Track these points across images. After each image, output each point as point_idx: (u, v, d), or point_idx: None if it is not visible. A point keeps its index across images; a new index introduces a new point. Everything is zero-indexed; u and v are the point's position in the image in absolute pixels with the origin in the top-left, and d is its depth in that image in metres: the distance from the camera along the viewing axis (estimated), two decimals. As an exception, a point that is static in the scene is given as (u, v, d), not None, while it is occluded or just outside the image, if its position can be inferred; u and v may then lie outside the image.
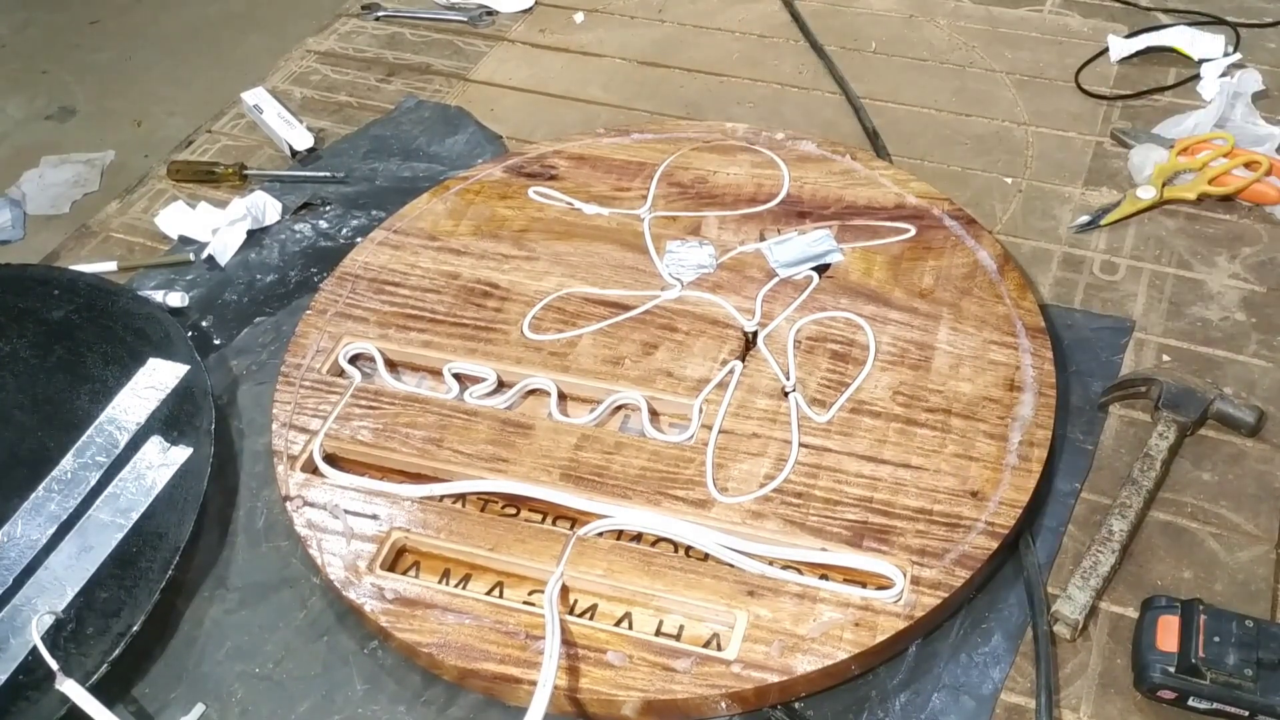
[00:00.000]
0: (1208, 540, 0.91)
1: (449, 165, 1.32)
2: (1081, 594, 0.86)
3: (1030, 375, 1.00)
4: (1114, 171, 1.29)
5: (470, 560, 0.90)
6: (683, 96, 1.45)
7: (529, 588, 0.89)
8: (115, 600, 0.88)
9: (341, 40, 1.58)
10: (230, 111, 1.45)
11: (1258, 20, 1.51)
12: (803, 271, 1.11)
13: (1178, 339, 1.08)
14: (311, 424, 0.99)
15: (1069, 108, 1.39)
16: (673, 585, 0.86)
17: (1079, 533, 0.92)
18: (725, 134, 1.30)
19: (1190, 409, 0.97)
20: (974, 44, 1.51)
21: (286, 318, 1.13)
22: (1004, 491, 0.91)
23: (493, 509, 0.94)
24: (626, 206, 1.20)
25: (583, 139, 1.31)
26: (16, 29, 3.16)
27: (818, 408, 0.98)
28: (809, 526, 0.89)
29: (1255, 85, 1.33)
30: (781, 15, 1.59)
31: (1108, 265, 1.16)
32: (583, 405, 1.01)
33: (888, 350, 1.03)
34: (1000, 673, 0.83)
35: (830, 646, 0.82)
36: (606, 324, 1.07)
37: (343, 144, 1.37)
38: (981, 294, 1.08)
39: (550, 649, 0.79)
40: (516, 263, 1.14)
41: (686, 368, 1.02)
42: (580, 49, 1.55)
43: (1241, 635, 0.79)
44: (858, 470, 0.93)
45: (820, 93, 1.44)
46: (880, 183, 1.21)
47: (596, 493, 0.93)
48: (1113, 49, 1.46)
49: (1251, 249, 1.17)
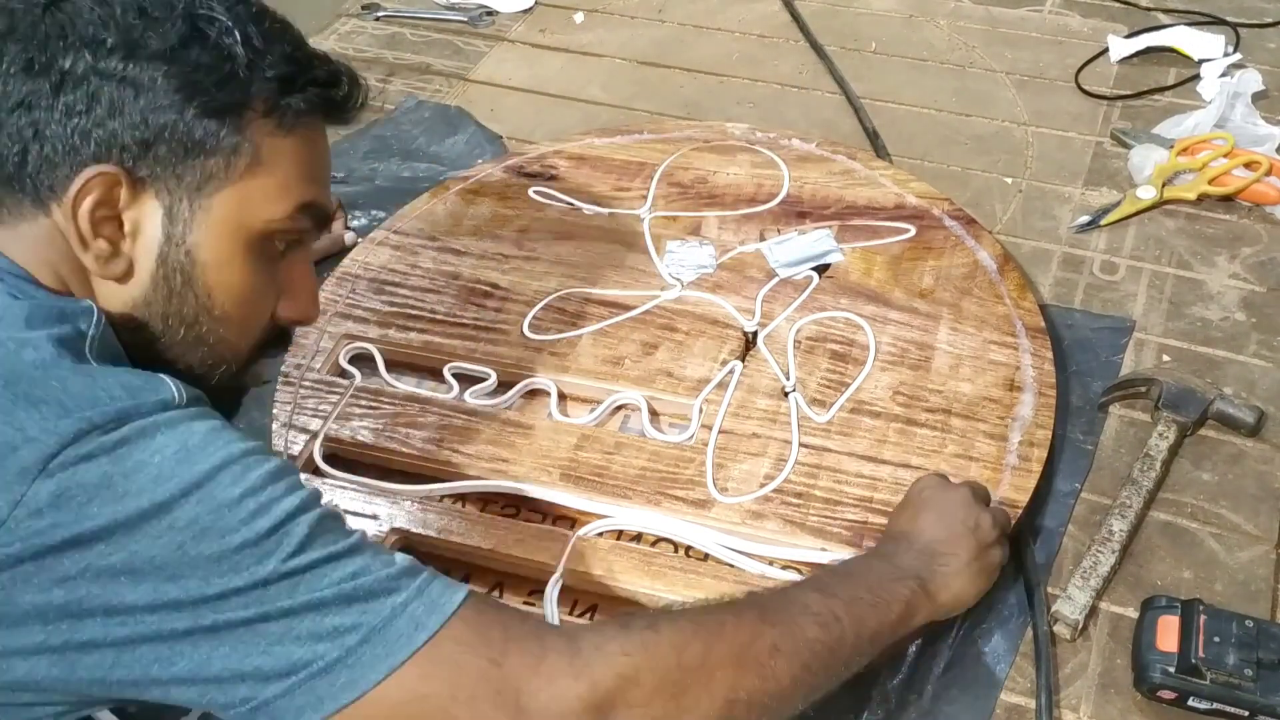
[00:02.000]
0: (1208, 540, 0.91)
1: (449, 165, 1.32)
2: (1081, 594, 0.86)
3: (1030, 375, 1.00)
4: (1114, 171, 1.29)
5: (470, 560, 0.90)
6: (683, 96, 1.45)
7: (529, 588, 0.89)
8: (115, 600, 0.88)
9: (341, 40, 1.58)
10: (230, 111, 1.45)
11: (1258, 20, 1.51)
12: (803, 271, 1.11)
13: (1178, 339, 1.08)
14: (311, 424, 0.99)
15: (1069, 108, 1.39)
16: (673, 585, 0.86)
17: (1079, 533, 0.92)
18: (725, 134, 1.30)
19: (1190, 409, 0.97)
20: (974, 44, 1.51)
21: (286, 318, 1.13)
22: (1004, 491, 0.91)
23: (493, 509, 0.94)
24: (626, 206, 1.20)
25: (583, 139, 1.31)
26: (16, 29, 3.15)
27: (818, 408, 0.98)
28: (809, 526, 0.89)
29: (1255, 85, 1.33)
30: (781, 15, 1.59)
31: (1108, 265, 1.16)
32: (583, 405, 1.01)
33: (888, 350, 1.03)
34: (1000, 673, 0.83)
35: (830, 646, 0.82)
36: (606, 324, 1.07)
37: (343, 144, 1.37)
38: (981, 294, 1.08)
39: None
40: (516, 263, 1.14)
41: (686, 368, 1.02)
42: (580, 49, 1.55)
43: (1241, 635, 0.79)
44: (858, 470, 0.93)
45: (820, 93, 1.44)
46: (880, 183, 1.21)
47: (596, 493, 0.93)
48: (1113, 49, 1.46)
49: (1251, 249, 1.17)
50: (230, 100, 0.64)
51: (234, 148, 0.64)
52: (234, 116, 0.64)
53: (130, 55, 0.62)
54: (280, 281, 0.71)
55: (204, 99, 0.63)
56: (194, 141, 0.63)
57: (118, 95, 0.62)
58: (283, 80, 0.66)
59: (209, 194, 0.64)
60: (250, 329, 0.70)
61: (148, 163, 0.63)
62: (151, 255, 0.65)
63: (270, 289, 0.70)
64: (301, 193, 0.68)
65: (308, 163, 0.69)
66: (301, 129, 0.68)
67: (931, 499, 0.84)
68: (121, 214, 0.63)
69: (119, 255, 0.64)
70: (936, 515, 0.83)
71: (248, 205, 0.66)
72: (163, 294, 0.65)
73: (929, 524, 0.82)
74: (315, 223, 0.71)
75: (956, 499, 0.84)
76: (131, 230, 0.64)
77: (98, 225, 0.63)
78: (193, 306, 0.66)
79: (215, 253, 0.66)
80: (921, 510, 0.84)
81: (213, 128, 0.63)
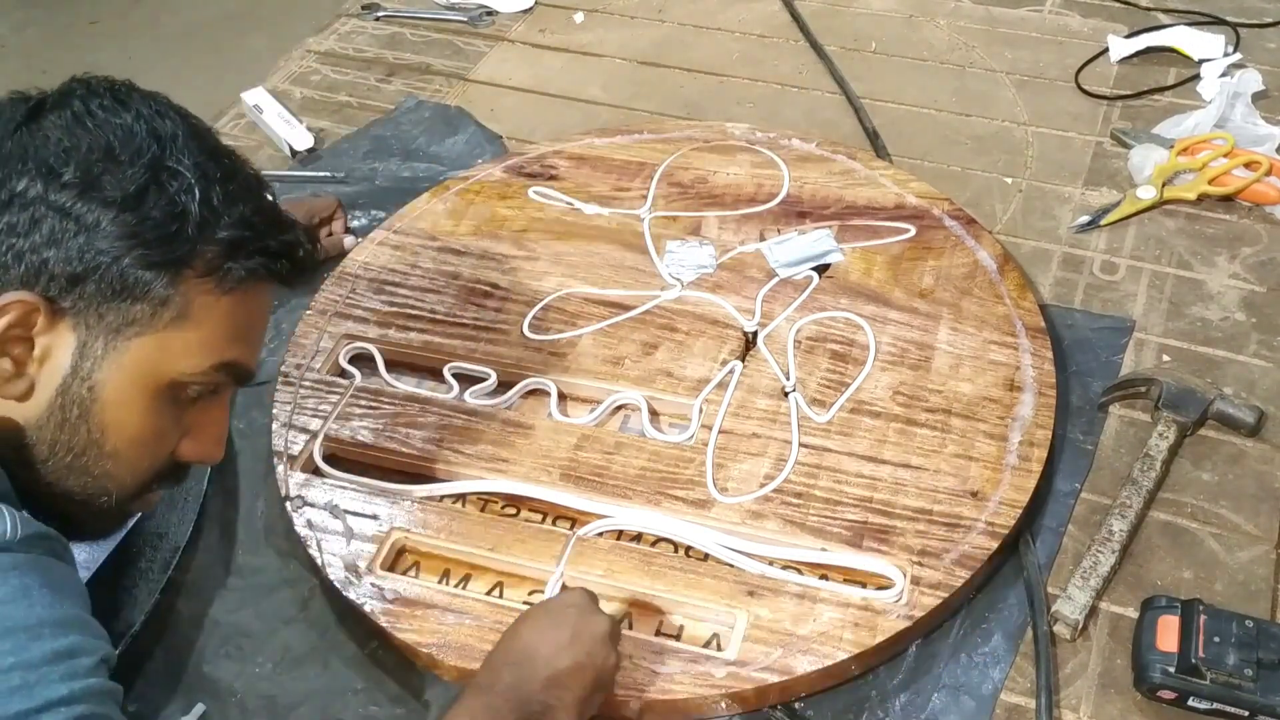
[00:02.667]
0: (1208, 540, 0.91)
1: (449, 165, 1.32)
2: (1081, 594, 0.86)
3: (1030, 375, 1.00)
4: (1114, 171, 1.29)
5: (470, 560, 0.90)
6: (683, 96, 1.45)
7: (529, 588, 0.89)
8: (115, 600, 0.88)
9: (341, 40, 1.58)
10: (230, 111, 1.45)
11: (1258, 20, 1.51)
12: (803, 271, 1.11)
13: (1178, 339, 1.08)
14: (311, 424, 0.99)
15: (1069, 108, 1.39)
16: (673, 585, 0.86)
17: (1079, 533, 0.92)
18: (725, 134, 1.30)
19: (1190, 409, 0.97)
20: (974, 44, 1.51)
21: (286, 317, 1.13)
22: (1004, 491, 0.91)
23: (493, 509, 0.94)
24: (626, 206, 1.20)
25: (583, 139, 1.31)
26: (16, 29, 3.15)
27: (818, 408, 0.98)
28: (809, 526, 0.89)
29: (1255, 85, 1.32)
30: (781, 15, 1.59)
31: (1108, 265, 1.16)
32: (583, 405, 1.01)
33: (888, 350, 1.03)
34: (1000, 673, 0.83)
35: (830, 646, 0.82)
36: (606, 324, 1.07)
37: (343, 144, 1.37)
38: (981, 294, 1.08)
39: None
40: (516, 263, 1.14)
41: (686, 368, 1.02)
42: (580, 49, 1.55)
43: (1241, 635, 0.79)
44: (858, 470, 0.93)
45: (820, 93, 1.44)
46: (880, 183, 1.21)
47: (596, 493, 0.93)
48: (1113, 49, 1.46)
49: (1251, 249, 1.17)
50: (171, 257, 0.64)
51: (163, 300, 0.65)
52: (171, 272, 0.65)
53: (83, 194, 0.63)
54: (187, 424, 0.71)
55: (144, 251, 0.64)
56: (124, 286, 0.64)
57: (59, 227, 0.62)
58: (232, 244, 0.66)
59: (127, 337, 0.65)
60: (141, 468, 0.70)
61: (73, 296, 0.63)
62: (54, 383, 0.65)
63: (172, 432, 0.70)
64: (223, 351, 0.68)
65: (239, 324, 0.69)
66: (241, 290, 0.68)
67: (542, 618, 0.76)
68: (35, 338, 0.64)
69: (22, 376, 0.64)
70: (553, 635, 0.74)
71: (164, 355, 0.66)
72: (56, 421, 0.65)
73: (544, 645, 0.74)
74: (234, 379, 0.71)
75: (569, 614, 0.75)
76: (41, 355, 0.64)
77: (7, 344, 0.63)
78: (83, 439, 0.66)
79: (118, 393, 0.66)
80: (534, 631, 0.75)
81: (146, 278, 0.64)
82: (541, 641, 0.73)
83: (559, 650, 0.72)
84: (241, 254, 0.67)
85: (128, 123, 0.65)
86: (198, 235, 0.65)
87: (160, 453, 0.70)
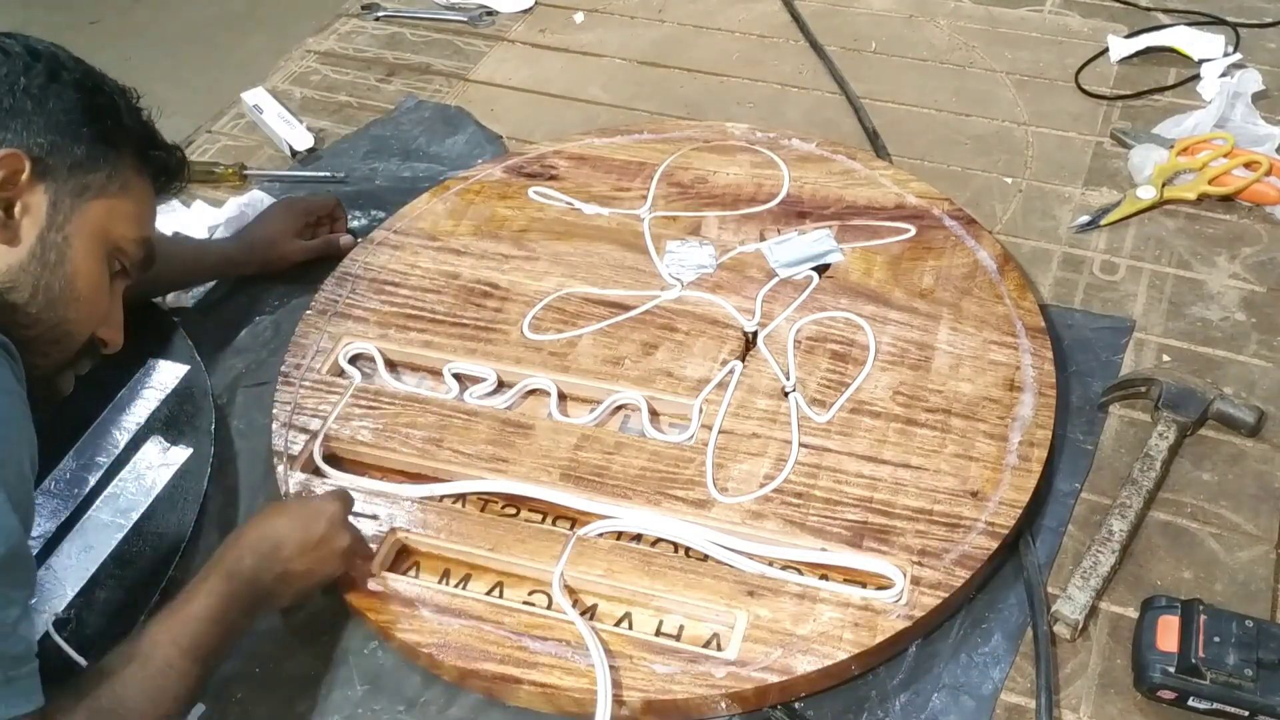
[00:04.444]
0: (1208, 540, 0.91)
1: (449, 165, 1.32)
2: (1081, 594, 0.86)
3: (1030, 375, 1.00)
4: (1114, 171, 1.29)
5: (470, 560, 0.90)
6: (683, 96, 1.45)
7: (529, 588, 0.89)
8: (115, 600, 0.88)
9: (341, 40, 1.58)
10: (230, 111, 1.45)
11: (1258, 20, 1.51)
12: (803, 271, 1.11)
13: (1178, 339, 1.08)
14: (311, 424, 0.99)
15: (1069, 108, 1.39)
16: (673, 585, 0.86)
17: (1079, 533, 0.92)
18: (725, 134, 1.30)
19: (1190, 409, 0.97)
20: (974, 44, 1.51)
21: (286, 317, 1.13)
22: (1004, 491, 0.91)
23: (493, 509, 0.94)
24: (626, 206, 1.20)
25: (583, 139, 1.31)
26: (16, 29, 3.15)
27: (818, 408, 0.98)
28: (809, 526, 0.89)
29: (1255, 85, 1.33)
30: (781, 15, 1.59)
31: (1108, 265, 1.16)
32: (583, 405, 1.01)
33: (888, 350, 1.03)
34: (1000, 673, 0.83)
35: (830, 646, 0.82)
36: (606, 324, 1.07)
37: (343, 144, 1.37)
38: (981, 294, 1.08)
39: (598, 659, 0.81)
40: (516, 263, 1.14)
41: (686, 368, 1.02)
42: (580, 49, 1.55)
43: (1241, 635, 0.79)
44: (858, 470, 0.93)
45: (820, 93, 1.44)
46: (880, 183, 1.21)
47: (596, 493, 0.93)
48: (1113, 49, 1.46)
49: (1251, 249, 1.17)
50: (115, 134, 0.82)
51: (110, 173, 0.81)
52: (115, 149, 0.81)
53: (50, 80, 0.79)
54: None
55: (98, 126, 0.81)
56: (86, 156, 0.79)
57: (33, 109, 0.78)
58: (147, 135, 0.85)
59: (86, 199, 0.80)
60: (93, 320, 0.82)
61: (44, 163, 0.77)
62: (35, 232, 0.77)
63: (108, 297, 0.83)
64: (145, 228, 0.85)
65: (151, 208, 0.86)
66: (148, 179, 0.85)
67: (296, 518, 0.84)
68: (19, 192, 0.76)
69: (10, 224, 0.76)
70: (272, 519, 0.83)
71: (112, 219, 0.81)
72: (38, 264, 0.77)
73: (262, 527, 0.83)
74: (144, 259, 0.86)
75: (320, 524, 0.83)
76: (22, 208, 0.77)
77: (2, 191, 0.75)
78: (60, 283, 0.78)
79: (83, 244, 0.80)
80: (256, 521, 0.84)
81: (98, 151, 0.80)
82: (289, 541, 0.81)
83: (302, 552, 0.81)
84: (151, 146, 0.85)
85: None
86: (130, 124, 0.84)
87: (103, 310, 0.83)
